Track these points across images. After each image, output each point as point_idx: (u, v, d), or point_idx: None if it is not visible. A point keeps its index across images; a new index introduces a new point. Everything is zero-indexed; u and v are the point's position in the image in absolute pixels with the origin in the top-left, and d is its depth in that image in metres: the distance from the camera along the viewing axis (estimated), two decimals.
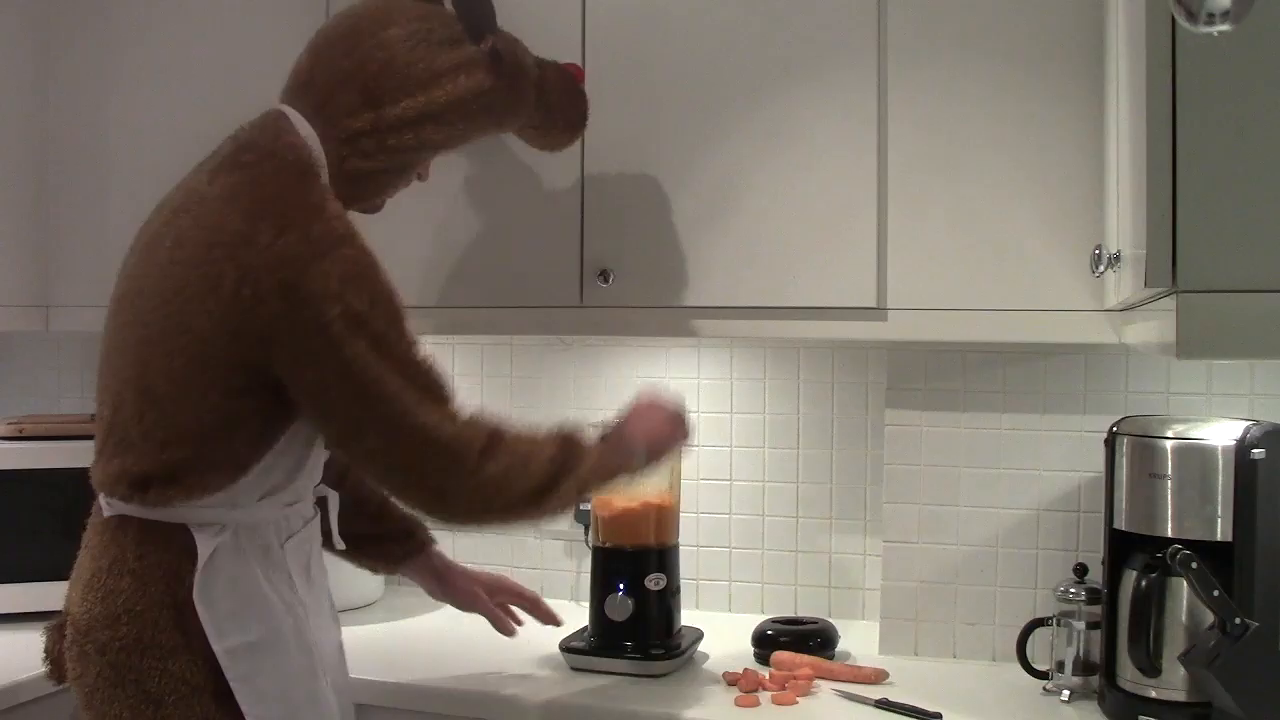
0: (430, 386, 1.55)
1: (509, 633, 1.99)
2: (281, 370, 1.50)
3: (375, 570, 2.01)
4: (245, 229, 1.48)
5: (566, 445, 1.63)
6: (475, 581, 1.99)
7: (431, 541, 1.96)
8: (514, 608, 2.02)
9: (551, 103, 1.84)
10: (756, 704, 1.86)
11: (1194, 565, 1.62)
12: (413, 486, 1.57)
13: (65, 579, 1.62)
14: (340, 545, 1.79)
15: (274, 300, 1.46)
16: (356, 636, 2.22)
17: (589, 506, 2.21)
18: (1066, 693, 1.89)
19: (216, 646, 1.50)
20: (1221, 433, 1.72)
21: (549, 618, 2.01)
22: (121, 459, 1.54)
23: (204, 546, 1.52)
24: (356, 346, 1.47)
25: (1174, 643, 1.72)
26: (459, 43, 1.66)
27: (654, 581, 2.08)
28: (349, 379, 1.48)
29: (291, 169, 1.55)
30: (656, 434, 1.77)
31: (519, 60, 1.75)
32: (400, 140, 1.62)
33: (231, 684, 1.50)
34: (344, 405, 1.50)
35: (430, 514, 1.63)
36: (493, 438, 1.57)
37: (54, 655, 1.62)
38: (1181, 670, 1.69)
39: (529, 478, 1.57)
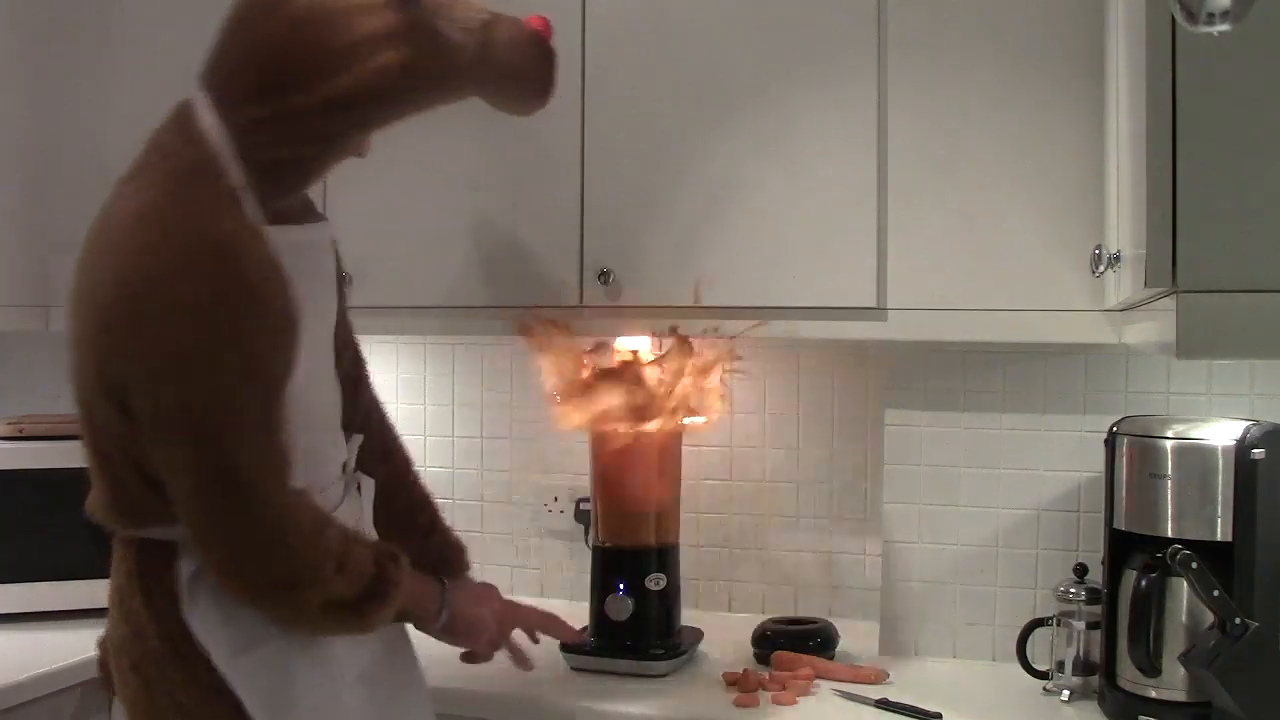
0: (275, 453, 1.42)
1: (527, 668, 1.80)
2: (132, 399, 1.38)
3: None
4: (112, 244, 1.40)
5: (386, 565, 1.50)
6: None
7: (468, 566, 1.85)
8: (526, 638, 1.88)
9: (503, 69, 1.57)
10: (756, 704, 1.86)
11: (1194, 565, 1.62)
12: (226, 545, 1.41)
13: (65, 579, 1.61)
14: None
15: (120, 323, 1.36)
16: None
17: (589, 507, 2.21)
18: (1066, 693, 1.89)
19: (218, 664, 1.45)
20: (1221, 433, 1.72)
21: (570, 633, 1.87)
22: (94, 484, 1.50)
23: (186, 565, 1.46)
24: (187, 392, 1.35)
25: (1174, 643, 1.72)
26: (374, 9, 1.45)
27: (654, 581, 2.08)
28: (179, 425, 1.37)
29: (183, 171, 1.43)
30: (473, 623, 1.66)
31: (438, 27, 1.50)
32: (309, 129, 1.47)
33: (241, 698, 1.45)
34: (175, 445, 1.38)
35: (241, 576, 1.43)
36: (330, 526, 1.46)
37: (105, 670, 1.58)
38: (1181, 670, 1.69)
39: (346, 577, 1.44)
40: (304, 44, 1.44)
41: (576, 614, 2.28)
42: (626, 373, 2.06)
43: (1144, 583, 1.72)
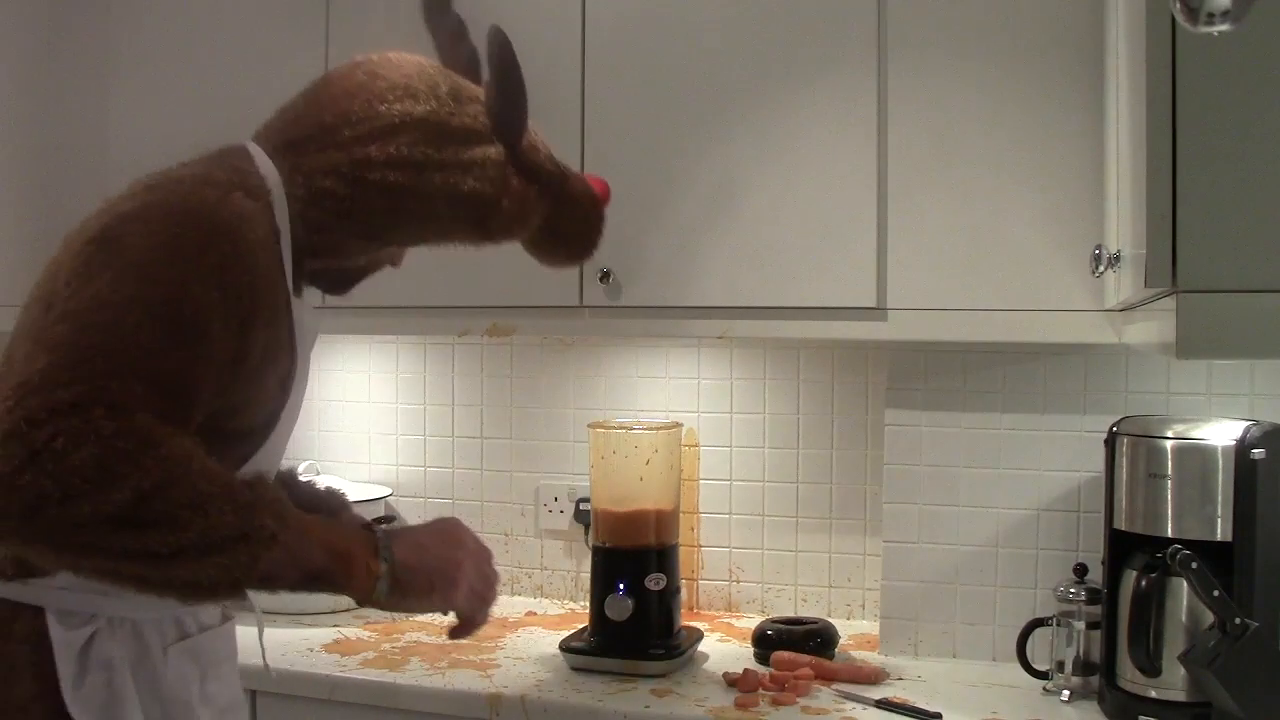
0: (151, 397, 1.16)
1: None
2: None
3: None
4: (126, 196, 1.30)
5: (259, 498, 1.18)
6: None
7: (347, 504, 1.64)
8: None
9: (561, 228, 1.55)
10: (756, 704, 1.86)
11: (1194, 565, 1.62)
12: None
13: None
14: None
15: (87, 246, 1.25)
16: (355, 636, 2.22)
17: (589, 507, 2.21)
18: (1066, 693, 1.89)
19: None
20: (1221, 433, 1.72)
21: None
22: None
23: (63, 641, 1.27)
24: (105, 295, 1.18)
25: (1174, 643, 1.72)
26: (478, 138, 1.43)
27: (654, 581, 2.08)
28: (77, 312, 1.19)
29: (226, 172, 1.32)
30: (439, 572, 1.31)
31: (537, 171, 1.48)
32: (370, 203, 1.38)
33: None
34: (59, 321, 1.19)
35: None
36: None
37: None
38: (1181, 670, 1.69)
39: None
40: (405, 141, 1.38)
41: (577, 614, 2.28)
42: None
43: (1144, 583, 1.72)
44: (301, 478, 1.68)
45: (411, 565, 1.27)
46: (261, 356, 1.29)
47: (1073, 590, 1.91)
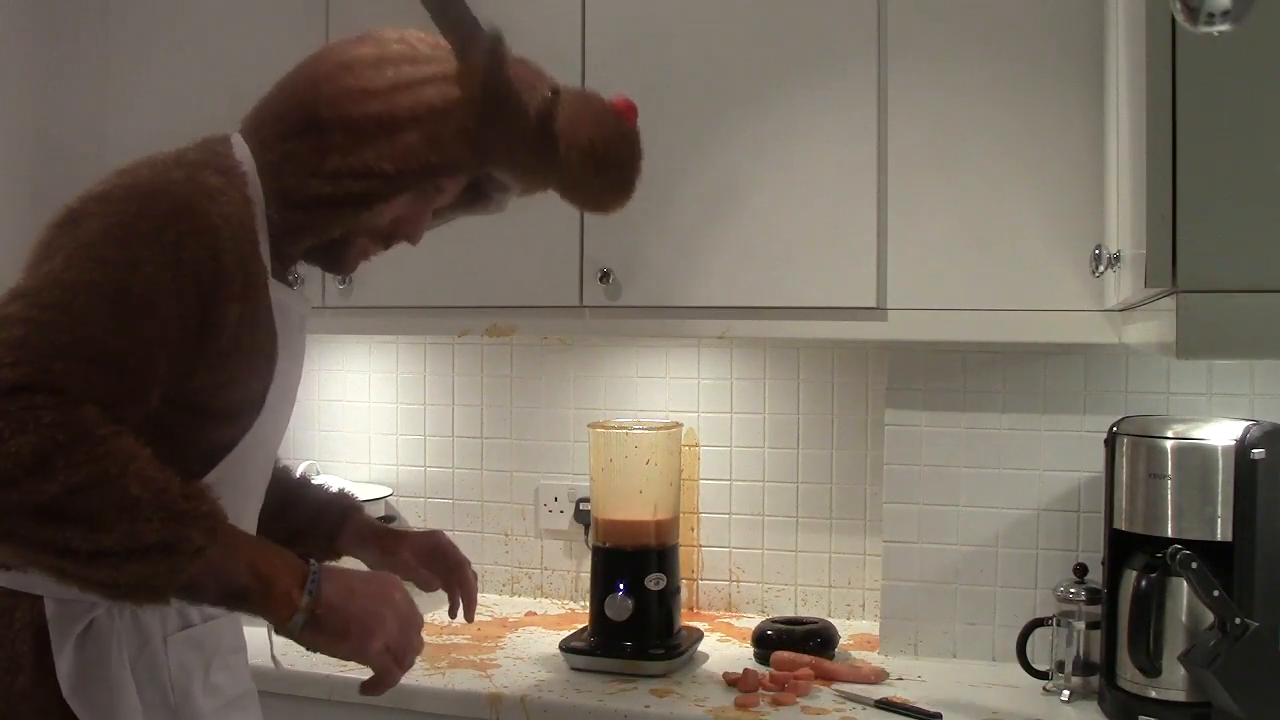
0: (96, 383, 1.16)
1: (452, 615, 1.67)
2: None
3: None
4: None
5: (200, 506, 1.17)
6: (411, 548, 1.64)
7: (358, 505, 1.68)
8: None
9: (570, 142, 1.43)
10: (756, 704, 1.86)
11: (1194, 565, 1.62)
12: None
13: None
14: None
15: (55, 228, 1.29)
16: None
17: (589, 507, 2.21)
18: (1066, 693, 1.89)
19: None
20: (1221, 433, 1.72)
21: (466, 613, 1.66)
22: None
23: (60, 629, 1.27)
24: (59, 277, 1.20)
25: (1174, 643, 1.72)
26: (436, 58, 1.38)
27: (654, 581, 2.08)
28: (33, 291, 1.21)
29: (204, 158, 1.33)
30: (359, 621, 1.26)
31: (506, 74, 1.39)
32: (342, 158, 1.34)
33: None
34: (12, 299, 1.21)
35: None
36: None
37: None
38: (1181, 670, 1.69)
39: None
40: (357, 79, 1.35)
41: (577, 614, 2.28)
42: None
43: (1144, 583, 1.72)
44: (310, 479, 1.68)
45: (334, 606, 1.24)
46: (237, 331, 1.28)
47: (1073, 590, 1.91)
